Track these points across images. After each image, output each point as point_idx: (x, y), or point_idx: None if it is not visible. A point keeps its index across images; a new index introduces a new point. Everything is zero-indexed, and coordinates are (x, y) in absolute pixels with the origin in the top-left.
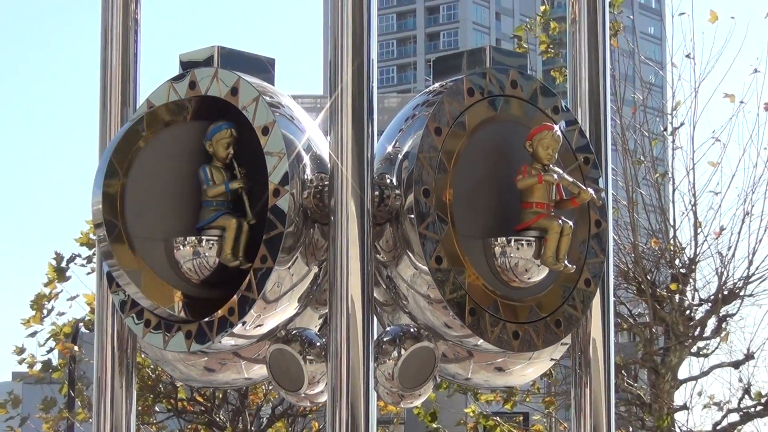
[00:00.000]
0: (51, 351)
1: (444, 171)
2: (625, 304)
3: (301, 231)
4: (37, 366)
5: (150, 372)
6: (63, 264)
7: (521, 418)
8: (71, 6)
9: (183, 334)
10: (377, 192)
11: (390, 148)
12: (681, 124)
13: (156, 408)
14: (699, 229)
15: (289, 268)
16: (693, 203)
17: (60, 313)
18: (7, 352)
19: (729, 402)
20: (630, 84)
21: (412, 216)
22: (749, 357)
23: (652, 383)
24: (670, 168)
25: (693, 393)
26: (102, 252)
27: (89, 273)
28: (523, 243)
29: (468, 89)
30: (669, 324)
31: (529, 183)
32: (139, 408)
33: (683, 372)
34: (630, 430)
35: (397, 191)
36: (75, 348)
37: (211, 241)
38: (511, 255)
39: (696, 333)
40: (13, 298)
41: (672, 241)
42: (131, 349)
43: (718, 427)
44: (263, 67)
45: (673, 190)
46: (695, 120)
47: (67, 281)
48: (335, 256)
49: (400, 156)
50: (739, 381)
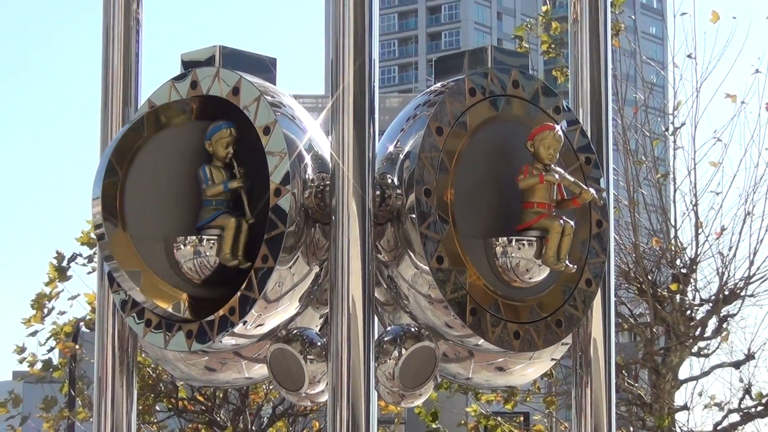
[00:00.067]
0: (52, 350)
1: (445, 171)
2: (626, 304)
3: (303, 231)
4: (38, 365)
5: (151, 371)
6: (64, 263)
7: (522, 418)
8: (72, 6)
9: (184, 333)
10: (378, 192)
11: (391, 147)
12: (682, 124)
13: (157, 407)
14: (700, 229)
15: (290, 267)
16: (694, 203)
17: (61, 313)
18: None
19: (730, 402)
20: (631, 84)
21: (413, 216)
22: (750, 357)
23: (652, 383)
24: (671, 168)
25: (694, 393)
26: (102, 252)
27: (90, 272)
28: (525, 243)
29: (469, 89)
30: (670, 324)
31: (531, 183)
32: (140, 407)
33: (684, 372)
34: (631, 430)
35: (399, 191)
36: (76, 347)
37: (212, 241)
38: (513, 255)
39: (697, 333)
40: (14, 297)
41: (673, 241)
42: (132, 349)
43: (718, 428)
44: (265, 67)
45: (675, 190)
46: (696, 120)
47: (68, 280)
48: (336, 255)
49: (401, 156)
50: (740, 381)
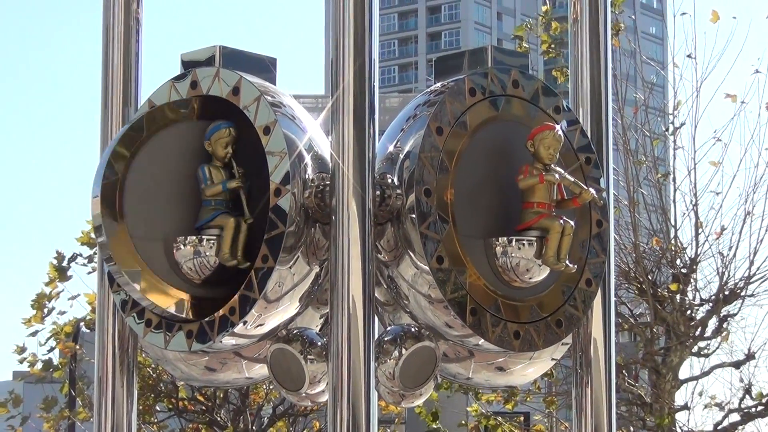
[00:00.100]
0: (52, 350)
1: (445, 171)
2: (626, 304)
3: (303, 231)
4: (38, 365)
5: (151, 371)
6: (64, 263)
7: (522, 417)
8: (72, 6)
9: (184, 333)
10: (378, 192)
11: (391, 147)
12: (682, 124)
13: (157, 407)
14: (700, 229)
15: (291, 267)
16: (694, 203)
17: (61, 313)
18: (8, 351)
19: (730, 402)
20: (631, 84)
21: (413, 216)
22: (750, 357)
23: (653, 383)
24: (671, 168)
25: (694, 393)
26: (101, 252)
27: (90, 272)
28: (525, 243)
29: (469, 89)
30: (670, 324)
31: (531, 183)
32: (140, 407)
33: (684, 372)
34: (631, 430)
35: (399, 191)
36: (76, 347)
37: (212, 241)
38: (513, 255)
39: (697, 333)
40: (14, 297)
41: (673, 241)
42: (132, 349)
43: (719, 428)
44: (265, 67)
45: (675, 190)
46: (696, 120)
47: (68, 280)
48: (336, 255)
49: (401, 156)
50: (740, 381)
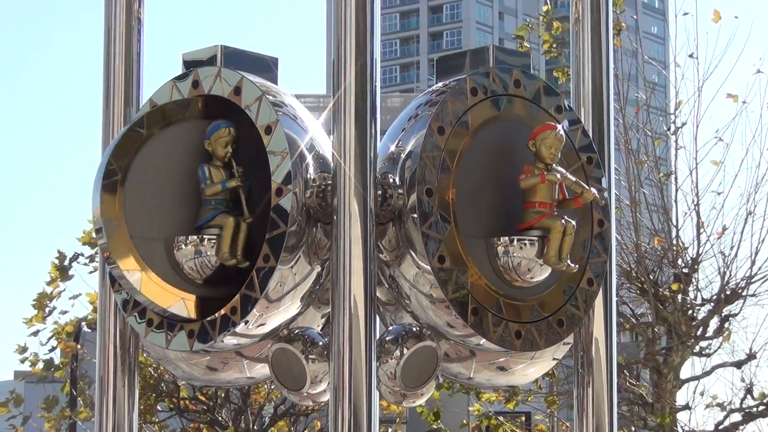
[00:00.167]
0: (53, 350)
1: (447, 170)
2: (628, 303)
3: (304, 230)
4: (40, 365)
5: (152, 371)
6: (66, 263)
7: (523, 417)
8: (73, 6)
9: (185, 333)
10: (380, 191)
11: (393, 147)
12: (684, 123)
13: (158, 407)
14: (702, 229)
15: (292, 267)
16: (696, 203)
17: (62, 312)
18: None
19: (731, 402)
20: (633, 83)
21: (414, 215)
22: (751, 357)
23: (654, 383)
24: (672, 168)
25: (695, 393)
26: (102, 252)
27: (92, 272)
28: (526, 242)
29: (471, 89)
30: (671, 324)
31: (532, 182)
32: (142, 407)
33: (685, 372)
34: (632, 429)
35: (400, 190)
36: (77, 347)
37: (212, 240)
38: (514, 254)
39: (698, 333)
40: (16, 297)
41: (675, 241)
42: (134, 348)
43: (720, 427)
44: (266, 67)
45: (676, 189)
46: (698, 120)
47: (70, 280)
48: (338, 255)
49: (403, 155)
50: (742, 381)
